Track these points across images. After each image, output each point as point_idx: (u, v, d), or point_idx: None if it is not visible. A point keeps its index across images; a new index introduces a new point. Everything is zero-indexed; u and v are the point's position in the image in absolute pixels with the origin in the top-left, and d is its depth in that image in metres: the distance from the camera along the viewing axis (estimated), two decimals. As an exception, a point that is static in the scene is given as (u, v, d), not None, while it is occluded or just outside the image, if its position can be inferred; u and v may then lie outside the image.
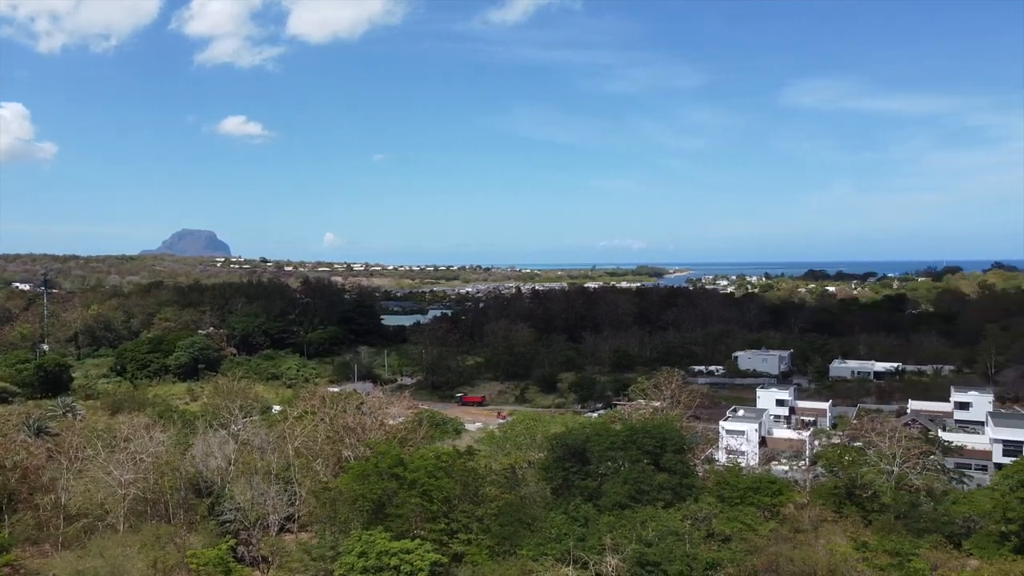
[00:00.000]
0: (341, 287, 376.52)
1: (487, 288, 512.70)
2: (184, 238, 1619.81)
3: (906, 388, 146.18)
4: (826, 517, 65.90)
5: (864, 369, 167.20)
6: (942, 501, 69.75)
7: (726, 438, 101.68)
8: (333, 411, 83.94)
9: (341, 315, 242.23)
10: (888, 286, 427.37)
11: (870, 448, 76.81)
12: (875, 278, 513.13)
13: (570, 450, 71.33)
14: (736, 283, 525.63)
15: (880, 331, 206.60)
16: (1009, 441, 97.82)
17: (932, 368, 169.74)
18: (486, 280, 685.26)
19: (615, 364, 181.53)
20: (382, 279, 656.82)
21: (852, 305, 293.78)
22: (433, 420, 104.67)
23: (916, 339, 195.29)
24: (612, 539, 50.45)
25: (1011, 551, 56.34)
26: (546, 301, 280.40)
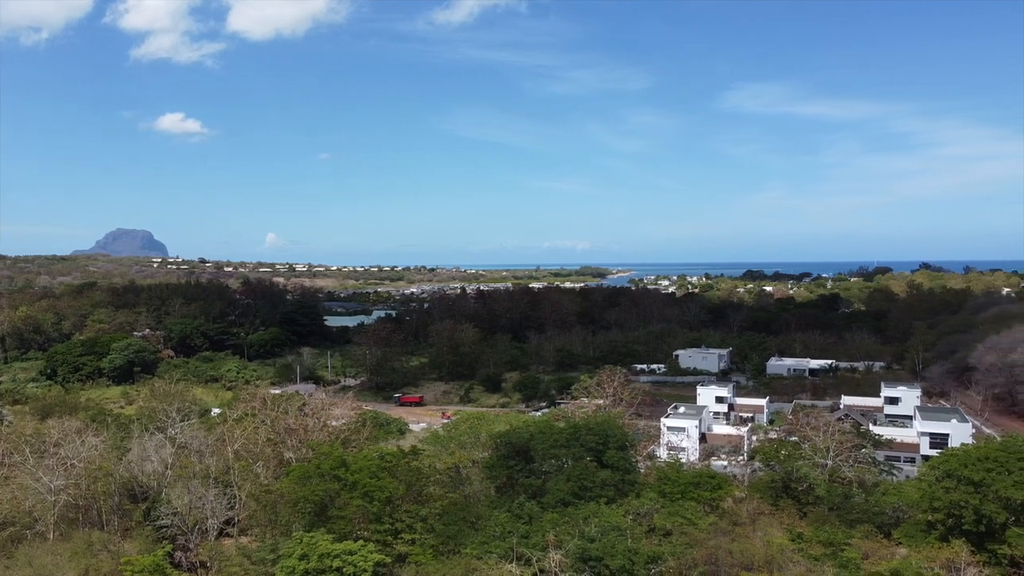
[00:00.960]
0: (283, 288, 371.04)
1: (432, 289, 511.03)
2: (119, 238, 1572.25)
3: (839, 384, 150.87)
4: (763, 510, 67.45)
5: (800, 366, 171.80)
6: (873, 493, 71.97)
7: (667, 435, 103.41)
8: (274, 413, 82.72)
9: (283, 316, 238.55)
10: (822, 286, 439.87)
11: (805, 443, 78.85)
12: (810, 278, 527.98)
13: (514, 448, 71.73)
14: (677, 283, 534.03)
15: (815, 329, 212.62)
16: (935, 434, 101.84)
17: (864, 365, 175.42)
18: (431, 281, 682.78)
19: (559, 363, 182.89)
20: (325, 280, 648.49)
21: (788, 304, 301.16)
22: (377, 421, 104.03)
23: (849, 337, 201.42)
24: (555, 535, 50.90)
25: (937, 539, 58.43)
26: (491, 301, 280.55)
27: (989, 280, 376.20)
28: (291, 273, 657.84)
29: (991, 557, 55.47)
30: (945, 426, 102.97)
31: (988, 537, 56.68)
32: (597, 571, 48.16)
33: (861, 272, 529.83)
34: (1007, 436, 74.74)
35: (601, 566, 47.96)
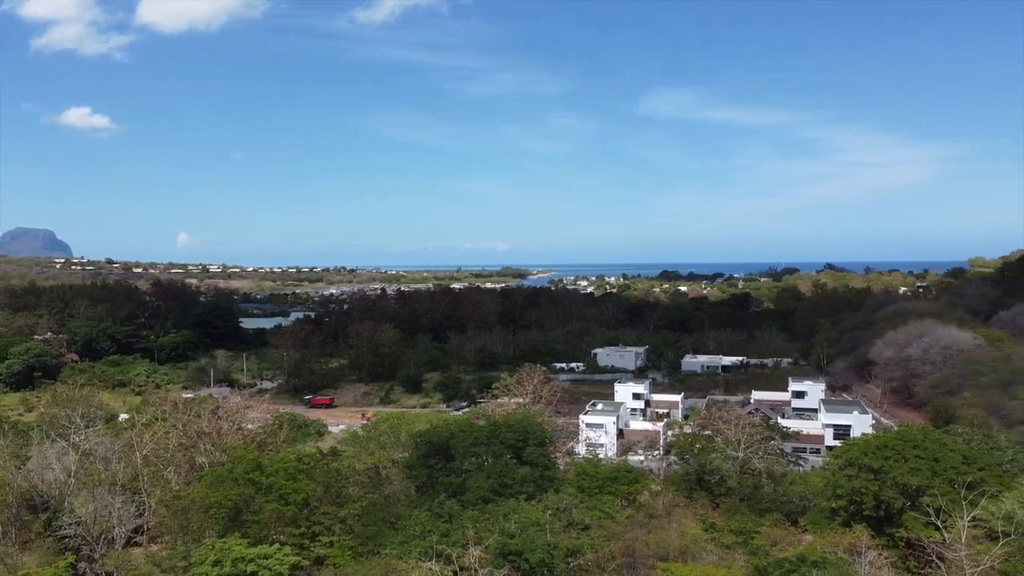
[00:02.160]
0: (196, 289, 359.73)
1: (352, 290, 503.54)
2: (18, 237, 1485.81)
3: (750, 380, 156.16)
4: (678, 502, 69.20)
5: (713, 363, 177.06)
6: (781, 482, 74.76)
7: (586, 431, 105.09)
8: (186, 416, 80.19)
9: (196, 318, 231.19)
10: (734, 286, 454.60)
11: (718, 436, 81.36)
12: (723, 279, 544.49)
13: (434, 447, 71.62)
14: (596, 283, 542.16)
15: (727, 328, 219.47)
16: (838, 425, 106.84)
17: (773, 361, 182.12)
18: (351, 282, 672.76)
19: (480, 363, 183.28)
20: (241, 281, 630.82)
21: (702, 304, 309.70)
22: (295, 423, 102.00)
23: (759, 335, 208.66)
24: (475, 532, 51.07)
25: (840, 524, 61.04)
26: (412, 302, 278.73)
27: (887, 280, 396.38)
28: (204, 274, 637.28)
29: (889, 540, 58.24)
30: (847, 418, 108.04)
31: (887, 521, 59.57)
32: (517, 566, 48.56)
33: (770, 272, 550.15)
34: (903, 426, 78.71)
35: (521, 561, 48.39)
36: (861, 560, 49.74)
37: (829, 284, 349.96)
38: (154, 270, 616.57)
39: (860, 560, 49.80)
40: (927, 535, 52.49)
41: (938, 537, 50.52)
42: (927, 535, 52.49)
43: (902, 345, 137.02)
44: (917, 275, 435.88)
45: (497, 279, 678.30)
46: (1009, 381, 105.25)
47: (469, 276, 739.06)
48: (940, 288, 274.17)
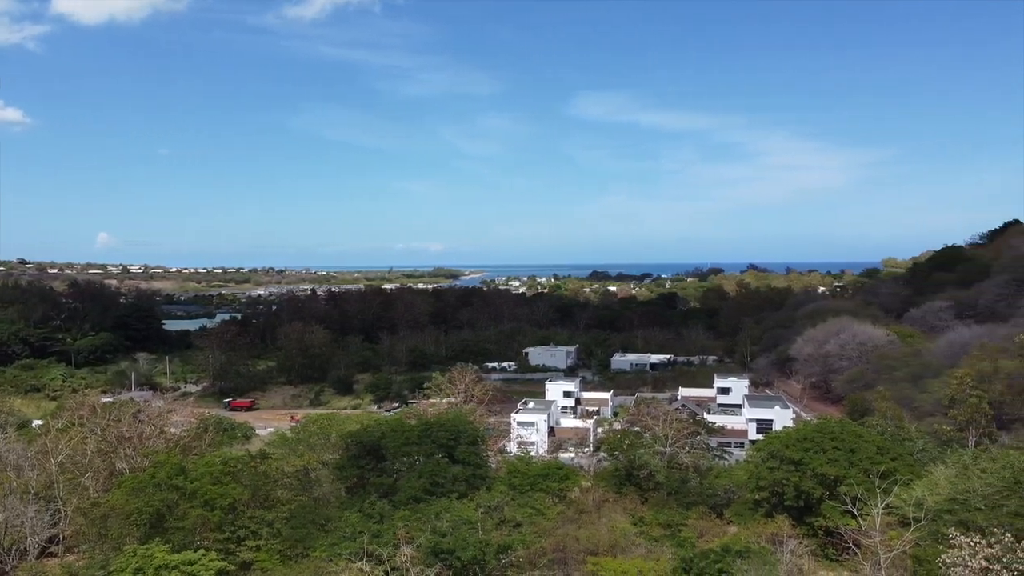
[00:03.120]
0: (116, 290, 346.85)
1: (281, 291, 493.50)
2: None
3: (677, 377, 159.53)
4: (608, 497, 70.21)
5: (641, 361, 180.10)
6: (707, 476, 76.59)
7: (517, 429, 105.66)
8: (106, 421, 77.30)
9: (116, 320, 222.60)
10: (662, 286, 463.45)
11: (646, 432, 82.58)
12: (651, 279, 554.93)
13: (365, 448, 70.95)
14: (527, 284, 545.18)
15: (655, 326, 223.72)
16: (761, 420, 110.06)
17: (699, 359, 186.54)
18: (280, 282, 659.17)
19: (412, 363, 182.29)
20: (164, 282, 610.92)
21: (631, 303, 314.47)
22: (220, 426, 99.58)
23: (685, 333, 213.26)
24: (407, 532, 50.90)
25: (763, 515, 62.97)
26: (342, 303, 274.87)
27: (807, 280, 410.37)
28: (125, 275, 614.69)
29: (809, 529, 60.37)
30: (769, 412, 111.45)
31: (807, 511, 61.73)
32: (449, 564, 48.63)
33: (696, 273, 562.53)
34: (822, 419, 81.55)
35: (453, 559, 48.48)
36: (783, 549, 51.50)
37: (752, 284, 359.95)
38: (71, 271, 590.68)
39: (782, 549, 51.56)
40: (844, 523, 54.61)
41: (854, 525, 52.60)
42: (844, 523, 54.61)
43: (821, 342, 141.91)
44: (834, 275, 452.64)
45: (429, 280, 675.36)
46: (919, 375, 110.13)
47: (401, 277, 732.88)
48: (856, 287, 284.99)
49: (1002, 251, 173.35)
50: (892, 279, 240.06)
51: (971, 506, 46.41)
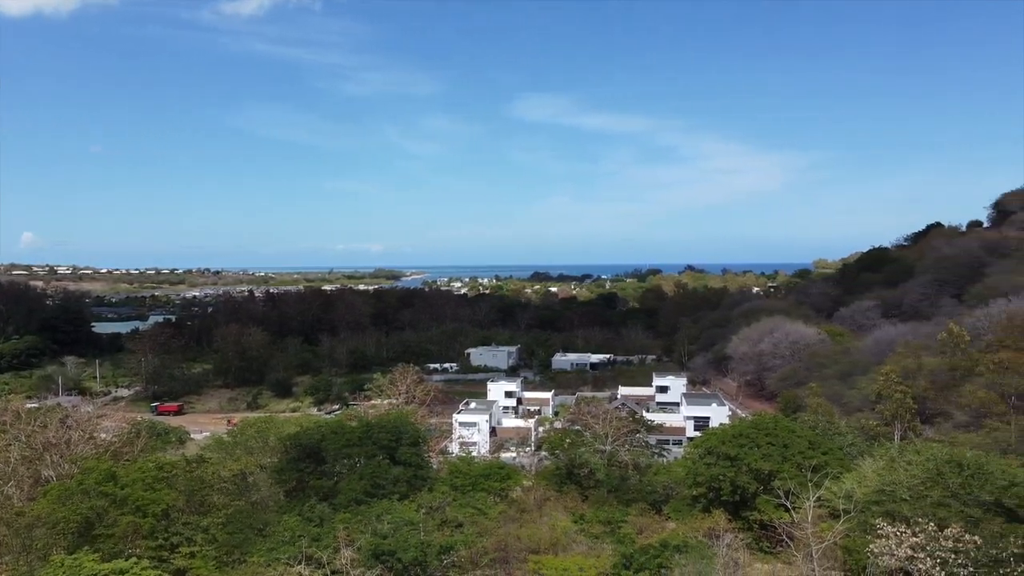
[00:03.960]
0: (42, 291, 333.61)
1: (217, 292, 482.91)
2: None
3: (617, 376, 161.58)
4: (549, 496, 70.61)
5: (582, 361, 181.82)
6: (646, 473, 77.60)
7: (459, 430, 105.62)
8: (30, 427, 74.38)
9: (42, 323, 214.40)
10: (602, 286, 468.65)
11: (587, 431, 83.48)
12: (591, 279, 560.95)
13: (305, 451, 69.90)
14: (469, 284, 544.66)
15: (595, 326, 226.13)
16: (698, 417, 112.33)
17: (638, 358, 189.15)
18: (216, 284, 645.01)
19: (353, 364, 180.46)
20: (94, 283, 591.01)
21: (572, 304, 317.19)
22: (154, 430, 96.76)
23: (625, 333, 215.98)
24: (347, 534, 50.36)
25: (700, 511, 64.09)
26: (281, 304, 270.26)
27: (742, 280, 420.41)
28: (52, 276, 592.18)
29: (745, 523, 61.67)
30: (706, 410, 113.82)
31: (742, 505, 63.11)
32: (390, 566, 48.26)
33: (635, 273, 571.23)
34: (756, 416, 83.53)
35: (394, 560, 48.14)
36: (719, 543, 52.55)
37: (690, 284, 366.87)
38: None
39: (718, 543, 52.60)
40: (778, 516, 55.97)
41: (787, 518, 53.97)
42: (778, 516, 55.97)
43: (755, 341, 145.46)
44: (768, 276, 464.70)
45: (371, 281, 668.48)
46: (848, 372, 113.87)
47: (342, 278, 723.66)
48: (788, 288, 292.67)
49: (925, 252, 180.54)
50: (823, 279, 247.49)
51: (897, 497, 48.12)
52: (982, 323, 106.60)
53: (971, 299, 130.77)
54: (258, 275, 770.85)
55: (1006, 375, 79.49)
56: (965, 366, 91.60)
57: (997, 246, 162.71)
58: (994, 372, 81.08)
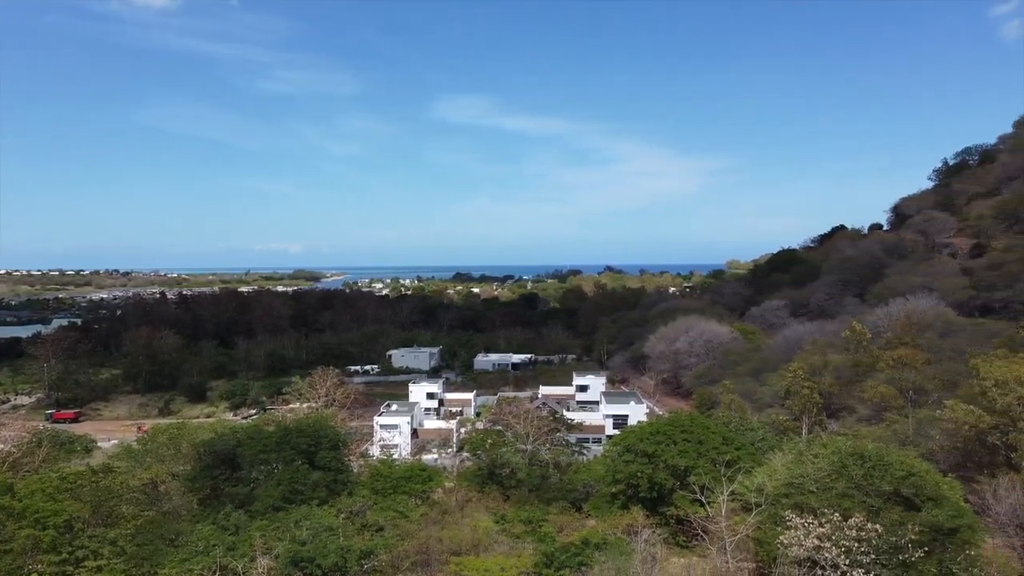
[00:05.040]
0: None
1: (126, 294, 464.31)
2: None
3: (538, 376, 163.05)
4: (471, 497, 70.58)
5: (504, 361, 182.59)
6: (567, 472, 78.51)
7: (380, 432, 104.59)
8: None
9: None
10: (523, 287, 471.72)
11: (508, 431, 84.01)
12: (513, 280, 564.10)
13: (219, 457, 67.93)
14: (391, 286, 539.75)
15: (517, 326, 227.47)
16: (617, 415, 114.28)
17: (559, 357, 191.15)
18: (125, 285, 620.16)
19: (271, 368, 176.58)
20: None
21: (493, 304, 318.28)
22: (57, 439, 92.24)
23: (546, 332, 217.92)
24: (264, 542, 49.23)
25: (619, 508, 65.18)
26: (195, 306, 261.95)
27: (659, 281, 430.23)
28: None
29: (662, 519, 63.06)
30: (625, 408, 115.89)
31: (659, 501, 64.48)
32: (309, 572, 47.40)
33: (556, 274, 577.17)
34: (673, 413, 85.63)
35: (313, 567, 47.31)
36: (637, 539, 53.65)
37: (609, 285, 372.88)
38: None
39: (636, 539, 53.70)
40: (693, 511, 57.45)
41: (703, 512, 55.49)
42: (693, 511, 57.45)
43: (672, 340, 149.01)
44: (684, 276, 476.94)
45: (289, 282, 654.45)
46: (759, 369, 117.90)
47: (259, 279, 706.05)
48: (703, 288, 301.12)
49: (830, 254, 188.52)
50: (735, 280, 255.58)
51: (805, 490, 50.00)
52: (882, 321, 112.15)
53: (872, 298, 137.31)
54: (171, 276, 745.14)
55: (904, 371, 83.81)
56: (867, 363, 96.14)
57: (896, 248, 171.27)
58: (893, 368, 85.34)
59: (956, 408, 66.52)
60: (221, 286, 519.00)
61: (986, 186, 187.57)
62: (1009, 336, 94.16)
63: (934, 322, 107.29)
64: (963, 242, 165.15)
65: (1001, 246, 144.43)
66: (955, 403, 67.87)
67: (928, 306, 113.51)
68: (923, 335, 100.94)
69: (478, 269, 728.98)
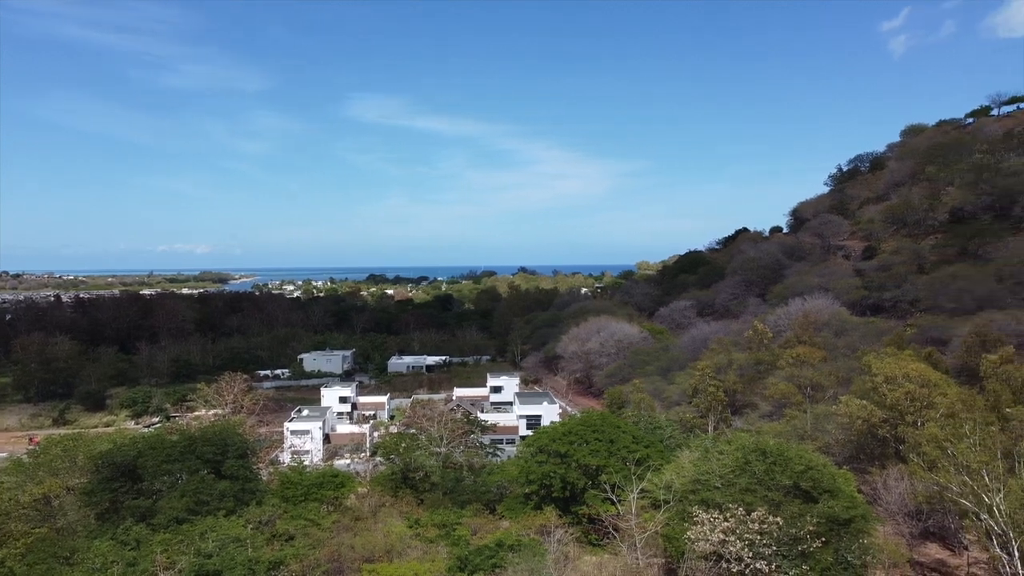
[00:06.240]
0: None
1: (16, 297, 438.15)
2: None
3: (452, 377, 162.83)
4: (385, 502, 69.88)
5: (418, 363, 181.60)
6: (480, 474, 78.70)
7: (291, 438, 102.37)
8: None
9: None
10: (438, 288, 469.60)
11: (422, 434, 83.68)
12: (427, 281, 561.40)
13: (119, 469, 65.02)
14: (303, 288, 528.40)
15: (431, 328, 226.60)
16: (530, 416, 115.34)
17: (473, 358, 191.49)
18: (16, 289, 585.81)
19: (175, 374, 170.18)
20: None
21: (408, 306, 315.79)
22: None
23: (460, 334, 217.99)
24: (167, 557, 47.51)
25: (533, 508, 65.85)
26: (93, 310, 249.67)
27: (572, 281, 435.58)
28: None
29: (574, 518, 64.11)
30: (538, 408, 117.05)
31: (572, 501, 65.51)
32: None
33: (471, 275, 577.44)
34: (585, 413, 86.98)
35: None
36: (551, 539, 54.35)
37: (522, 285, 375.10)
38: None
39: (550, 539, 54.40)
40: (605, 510, 58.57)
41: (614, 510, 56.63)
42: (605, 510, 58.57)
43: (584, 340, 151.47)
44: (596, 277, 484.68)
45: (195, 284, 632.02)
46: (668, 368, 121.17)
47: (163, 281, 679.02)
48: (614, 288, 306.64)
49: (734, 256, 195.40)
50: (645, 280, 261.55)
51: (710, 486, 51.64)
52: (782, 320, 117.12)
53: (773, 298, 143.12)
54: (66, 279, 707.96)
55: (802, 368, 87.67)
56: (768, 360, 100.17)
57: (795, 250, 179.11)
58: (792, 366, 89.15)
59: (850, 403, 69.97)
60: (122, 289, 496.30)
61: (876, 191, 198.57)
62: (897, 334, 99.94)
63: (830, 321, 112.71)
64: (856, 244, 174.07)
65: (890, 248, 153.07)
66: (849, 399, 71.39)
67: (824, 306, 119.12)
68: (820, 334, 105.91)
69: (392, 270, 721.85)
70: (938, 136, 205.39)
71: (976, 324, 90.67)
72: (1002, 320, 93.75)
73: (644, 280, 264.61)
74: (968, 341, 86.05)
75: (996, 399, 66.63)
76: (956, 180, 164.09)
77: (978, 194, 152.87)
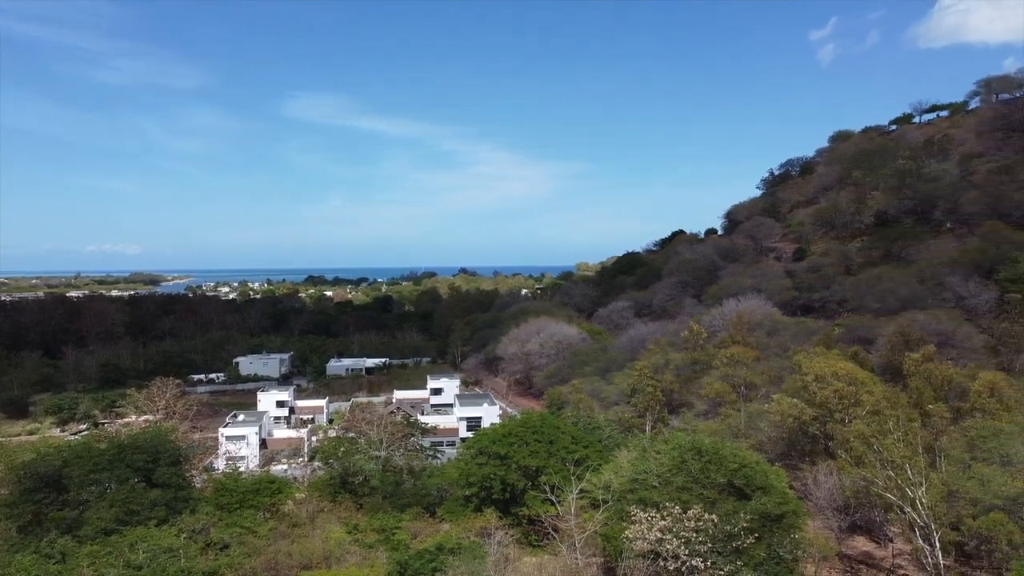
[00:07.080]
0: None
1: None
2: None
3: (392, 380, 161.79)
4: (323, 507, 68.90)
5: (357, 366, 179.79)
6: (420, 476, 78.28)
7: (226, 444, 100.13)
8: None
9: None
10: (378, 289, 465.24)
11: (361, 437, 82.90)
12: (367, 283, 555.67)
13: (43, 479, 62.67)
14: (239, 289, 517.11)
15: (371, 330, 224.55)
16: (470, 418, 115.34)
17: (413, 360, 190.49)
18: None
19: (104, 379, 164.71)
20: None
21: (347, 307, 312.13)
22: None
23: (400, 335, 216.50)
24: (94, 570, 46.03)
25: (473, 510, 65.72)
26: (15, 313, 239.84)
27: (512, 283, 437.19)
28: None
29: (514, 519, 64.37)
30: (478, 410, 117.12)
31: (512, 502, 65.70)
32: (146, 598, 44.87)
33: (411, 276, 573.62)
34: (525, 414, 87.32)
35: (151, 592, 44.82)
36: (491, 541, 54.46)
37: (463, 287, 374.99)
38: None
39: (490, 541, 54.50)
40: (545, 510, 59.04)
41: (553, 511, 57.14)
42: (545, 510, 59.04)
43: (524, 341, 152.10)
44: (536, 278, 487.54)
45: (125, 286, 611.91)
46: (606, 369, 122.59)
47: (91, 283, 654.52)
48: (554, 289, 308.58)
49: (670, 257, 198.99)
50: (584, 281, 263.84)
51: (648, 485, 52.46)
52: (717, 321, 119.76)
53: (708, 299, 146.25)
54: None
55: (736, 368, 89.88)
56: (704, 360, 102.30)
57: (729, 251, 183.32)
58: (727, 365, 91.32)
59: (781, 402, 72.03)
60: (46, 291, 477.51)
61: (806, 195, 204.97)
62: (826, 334, 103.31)
63: (763, 321, 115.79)
64: (787, 246, 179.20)
65: (819, 250, 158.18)
66: (780, 397, 73.49)
67: (757, 306, 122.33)
68: (753, 334, 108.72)
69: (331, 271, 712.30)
70: (864, 142, 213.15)
71: (899, 324, 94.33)
72: (924, 320, 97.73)
73: (583, 281, 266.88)
74: (892, 340, 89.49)
75: (918, 396, 69.54)
76: (881, 185, 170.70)
77: (901, 198, 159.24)
